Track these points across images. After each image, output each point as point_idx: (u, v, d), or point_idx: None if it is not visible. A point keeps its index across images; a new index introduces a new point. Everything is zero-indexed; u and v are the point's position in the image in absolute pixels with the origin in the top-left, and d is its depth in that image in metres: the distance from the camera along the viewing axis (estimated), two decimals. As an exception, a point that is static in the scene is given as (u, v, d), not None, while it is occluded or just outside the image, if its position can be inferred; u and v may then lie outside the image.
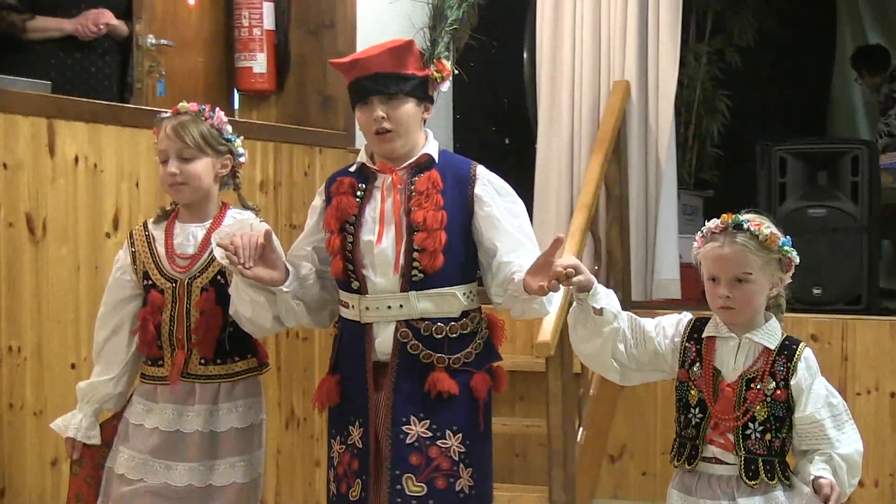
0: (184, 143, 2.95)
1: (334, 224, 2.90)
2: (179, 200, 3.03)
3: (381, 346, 2.88)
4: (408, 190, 2.87)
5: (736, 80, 6.94)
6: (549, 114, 5.50)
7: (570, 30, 5.45)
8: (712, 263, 2.70)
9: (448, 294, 2.86)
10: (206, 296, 2.96)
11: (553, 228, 5.41)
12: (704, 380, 2.71)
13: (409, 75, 2.86)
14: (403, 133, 2.86)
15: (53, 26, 4.14)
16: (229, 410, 3.00)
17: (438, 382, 2.84)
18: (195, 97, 4.62)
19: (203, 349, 2.97)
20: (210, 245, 2.94)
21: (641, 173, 5.36)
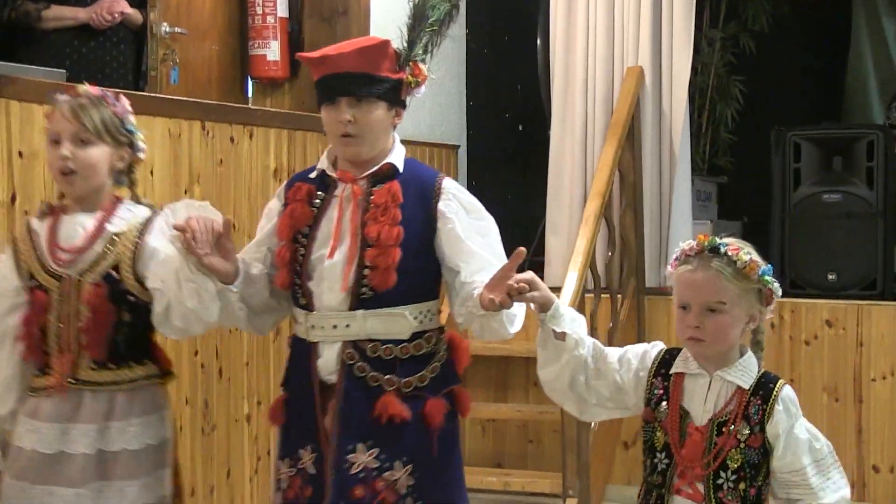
0: (81, 125, 2.68)
1: (287, 233, 2.73)
2: (69, 193, 2.75)
3: (326, 367, 2.69)
4: (366, 202, 2.69)
5: (750, 65, 6.92)
6: (562, 100, 5.50)
7: (583, 16, 5.44)
8: (683, 289, 2.43)
9: (397, 314, 2.66)
10: (96, 291, 2.67)
11: (567, 215, 5.42)
12: (670, 422, 2.44)
13: (381, 77, 2.68)
14: (370, 139, 2.69)
15: (68, 15, 4.16)
16: (121, 430, 2.69)
17: (390, 406, 2.64)
18: (209, 84, 4.66)
19: (93, 351, 2.68)
20: (100, 237, 2.70)
21: (655, 159, 5.36)
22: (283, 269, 2.71)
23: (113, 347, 2.70)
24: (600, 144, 5.25)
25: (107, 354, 2.69)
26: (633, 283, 5.22)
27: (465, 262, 2.67)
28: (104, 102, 2.73)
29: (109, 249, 2.70)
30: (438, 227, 2.69)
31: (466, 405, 2.79)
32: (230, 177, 4.19)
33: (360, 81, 2.66)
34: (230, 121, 4.23)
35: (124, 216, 2.75)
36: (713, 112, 6.86)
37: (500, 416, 5.15)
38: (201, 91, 4.55)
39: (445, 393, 2.73)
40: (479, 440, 5.36)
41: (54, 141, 2.69)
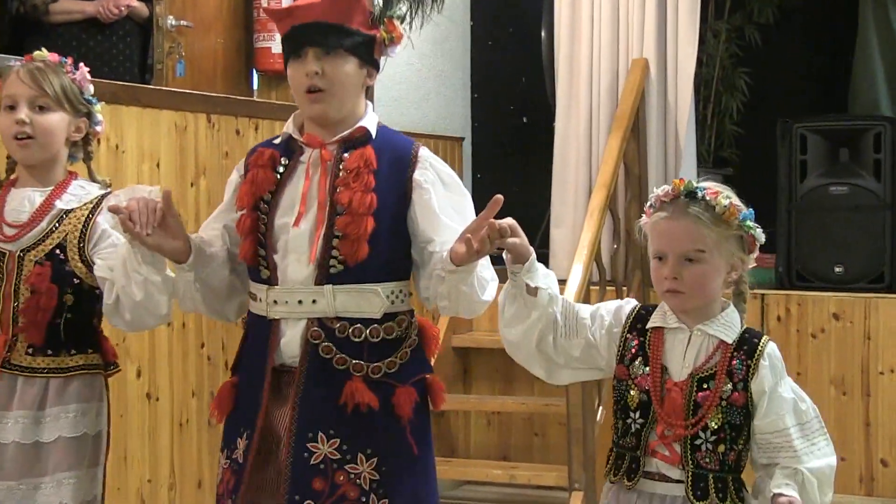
0: (40, 89, 2.54)
1: (247, 201, 2.46)
2: (23, 160, 2.59)
3: (288, 348, 2.43)
4: (336, 167, 2.45)
5: (756, 57, 6.90)
6: (567, 92, 5.49)
7: (588, 8, 5.43)
8: (658, 238, 2.25)
9: (369, 291, 2.42)
10: (39, 270, 2.51)
11: (571, 207, 5.41)
12: (652, 378, 2.25)
13: (353, 30, 2.44)
14: (339, 94, 2.44)
15: (76, 8, 4.16)
16: (57, 416, 2.52)
17: (357, 393, 2.40)
18: (214, 77, 4.65)
19: (31, 334, 2.51)
20: (48, 213, 2.54)
21: (661, 152, 5.35)
22: (246, 239, 2.46)
23: (53, 332, 2.53)
24: (605, 136, 5.25)
25: (45, 339, 2.52)
26: (639, 275, 5.21)
27: (438, 235, 2.43)
28: (63, 69, 2.61)
29: (56, 227, 2.54)
30: (413, 199, 2.46)
31: (439, 395, 2.54)
32: (236, 169, 4.18)
33: (329, 31, 2.43)
34: (236, 113, 4.23)
35: (76, 193, 2.59)
36: (718, 104, 6.85)
37: (505, 408, 5.15)
38: (207, 84, 4.55)
39: (416, 381, 2.49)
40: (485, 433, 5.36)
41: (9, 106, 2.55)
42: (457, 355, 5.32)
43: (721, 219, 2.23)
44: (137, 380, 3.74)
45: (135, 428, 3.75)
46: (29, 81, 2.54)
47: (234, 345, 4.13)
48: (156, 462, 3.86)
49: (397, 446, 2.44)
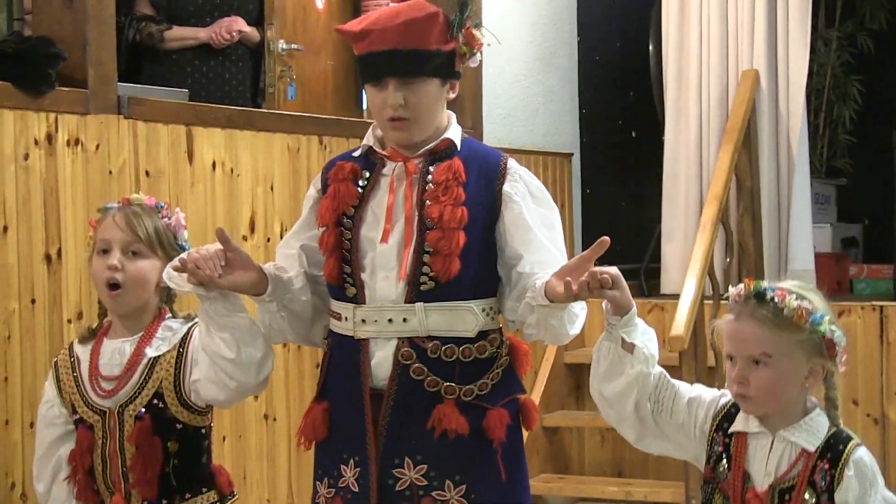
0: (135, 234, 2.49)
1: (330, 217, 2.38)
2: (114, 310, 2.54)
3: (378, 369, 2.35)
4: (423, 180, 2.36)
5: (868, 64, 6.77)
6: (676, 106, 5.44)
7: (696, 20, 5.38)
8: (728, 340, 2.18)
9: (464, 309, 2.34)
10: (139, 425, 2.46)
11: (682, 221, 5.36)
12: (733, 485, 2.16)
13: (432, 52, 2.34)
14: (423, 121, 2.37)
15: (189, 35, 4.25)
16: None
17: (445, 419, 2.31)
18: (325, 99, 4.72)
19: (143, 490, 2.47)
20: (140, 362, 2.49)
21: (773, 163, 5.27)
22: (330, 256, 2.37)
23: (164, 482, 2.48)
24: (716, 149, 5.19)
25: (158, 491, 2.48)
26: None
27: (527, 252, 2.34)
28: (159, 214, 2.56)
29: (150, 376, 2.49)
30: (502, 211, 2.37)
31: (533, 416, 2.44)
32: (347, 190, 4.23)
33: (408, 59, 2.32)
34: (347, 135, 4.28)
35: (164, 336, 2.53)
36: (830, 113, 6.73)
37: (618, 425, 5.10)
38: (317, 106, 4.62)
39: (508, 402, 2.40)
40: (599, 449, 5.32)
41: (103, 250, 2.51)
42: (569, 371, 5.30)
43: (789, 322, 2.12)
44: (255, 401, 3.79)
45: (253, 449, 3.81)
46: (123, 226, 2.50)
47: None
48: (274, 483, 3.91)
49: (487, 472, 2.35)
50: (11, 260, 3.09)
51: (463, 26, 2.39)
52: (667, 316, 4.95)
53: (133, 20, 4.22)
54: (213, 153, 3.68)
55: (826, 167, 6.73)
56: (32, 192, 3.14)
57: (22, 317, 3.10)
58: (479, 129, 4.99)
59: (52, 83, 3.15)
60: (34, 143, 3.14)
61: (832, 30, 6.68)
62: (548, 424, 5.19)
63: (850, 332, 4.81)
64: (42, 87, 3.13)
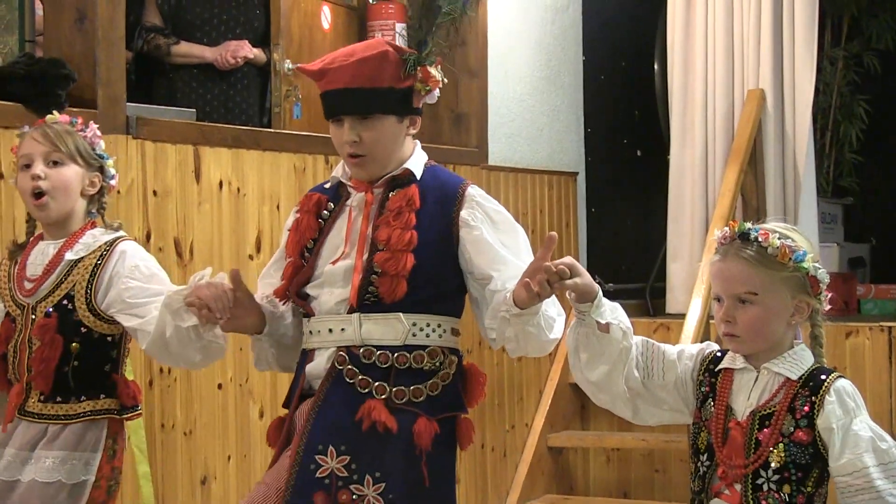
0: (53, 145, 2.63)
1: (293, 248, 2.51)
2: (41, 217, 2.68)
3: (313, 371, 2.44)
4: (380, 208, 2.46)
5: (875, 84, 6.78)
6: (681, 125, 5.45)
7: (701, 40, 5.40)
8: (714, 280, 2.23)
9: (392, 318, 2.41)
10: (44, 321, 2.58)
11: (688, 241, 5.36)
12: (715, 419, 2.20)
13: (384, 89, 2.43)
14: (380, 156, 2.46)
15: (196, 53, 4.28)
16: (39, 459, 2.56)
17: (374, 412, 2.36)
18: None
19: (39, 382, 2.58)
20: (59, 264, 2.62)
21: (779, 183, 5.28)
22: (284, 280, 2.50)
23: (61, 380, 2.58)
24: (721, 168, 5.20)
25: (53, 387, 2.58)
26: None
27: (497, 271, 2.41)
28: (74, 128, 2.70)
29: (65, 278, 2.62)
30: (462, 236, 2.44)
31: (467, 436, 2.48)
32: (353, 209, 4.24)
33: (361, 96, 2.42)
34: (353, 154, 4.29)
35: (86, 242, 2.65)
36: (837, 132, 6.74)
37: (624, 445, 5.11)
38: (323, 125, 4.59)
39: (443, 418, 2.43)
40: (604, 469, 5.32)
41: (25, 165, 2.64)
42: (574, 391, 5.29)
43: (773, 260, 2.18)
44: (260, 420, 3.80)
45: (259, 469, 3.81)
46: (41, 139, 2.63)
47: None
48: (279, 499, 3.91)
49: (409, 475, 2.37)
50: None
51: (418, 65, 2.47)
52: (672, 336, 4.95)
53: (142, 30, 4.25)
54: (220, 173, 3.69)
55: (833, 186, 6.73)
56: (41, 211, 3.15)
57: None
58: (485, 149, 5.00)
59: (61, 104, 3.16)
60: (43, 163, 3.15)
61: (838, 49, 6.70)
62: (553, 445, 5.19)
63: (858, 352, 4.81)
64: (52, 109, 3.14)
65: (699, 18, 5.40)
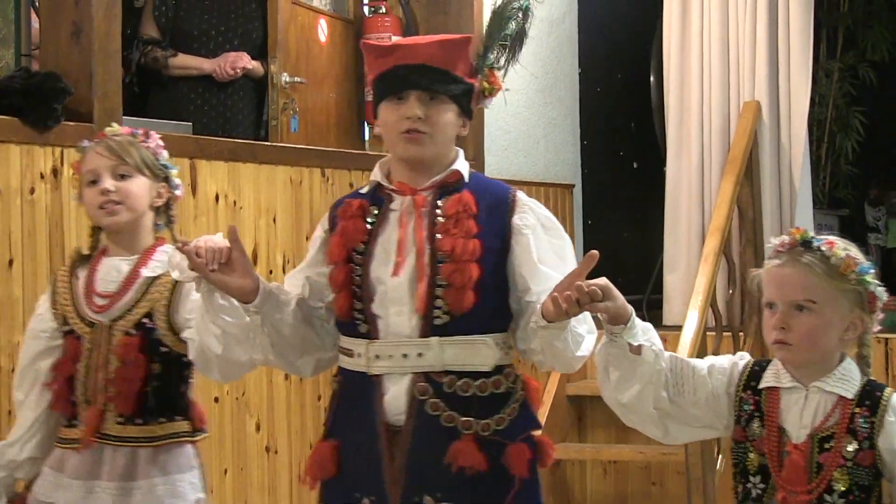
0: (120, 159, 2.58)
1: (339, 254, 2.35)
2: (111, 226, 2.60)
3: (393, 405, 2.30)
4: (432, 213, 2.34)
5: (870, 95, 6.80)
6: (677, 137, 5.46)
7: (697, 52, 5.41)
8: (769, 285, 2.16)
9: (479, 343, 2.31)
10: (127, 341, 2.52)
11: (685, 252, 5.37)
12: (768, 441, 2.14)
13: (457, 77, 2.36)
14: (439, 140, 2.35)
15: (193, 65, 4.28)
16: (150, 489, 2.51)
17: (461, 456, 2.26)
18: (327, 131, 4.74)
19: (121, 404, 2.51)
20: (136, 281, 2.55)
21: (775, 194, 5.29)
22: (340, 292, 2.34)
23: (142, 401, 2.52)
24: (717, 180, 5.21)
25: (134, 409, 2.51)
26: (756, 321, 5.13)
27: (535, 283, 2.32)
28: (136, 139, 2.65)
29: (143, 296, 2.55)
30: (512, 244, 2.34)
31: (548, 454, 2.39)
32: (350, 222, 4.24)
33: (435, 76, 2.33)
34: (349, 167, 4.30)
35: (161, 259, 2.57)
36: (832, 144, 6.76)
37: (621, 457, 5.10)
38: (320, 138, 4.64)
39: (525, 438, 2.35)
40: (601, 482, 5.31)
41: (92, 181, 2.58)
42: (571, 403, 5.29)
43: (836, 271, 2.12)
44: (257, 433, 3.79)
45: (255, 482, 3.80)
46: (107, 154, 2.58)
47: None
48: (276, 514, 3.90)
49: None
50: (17, 293, 3.09)
51: (485, 66, 2.44)
52: (668, 348, 4.93)
53: (139, 43, 4.25)
54: (216, 186, 3.69)
55: (828, 198, 6.75)
56: (38, 225, 3.15)
57: (26, 350, 3.11)
58: (481, 161, 5.00)
59: (58, 118, 3.17)
60: (40, 177, 3.16)
61: (834, 61, 6.72)
62: (550, 456, 5.18)
63: (853, 363, 4.80)
64: (48, 122, 3.15)
65: (695, 30, 5.42)
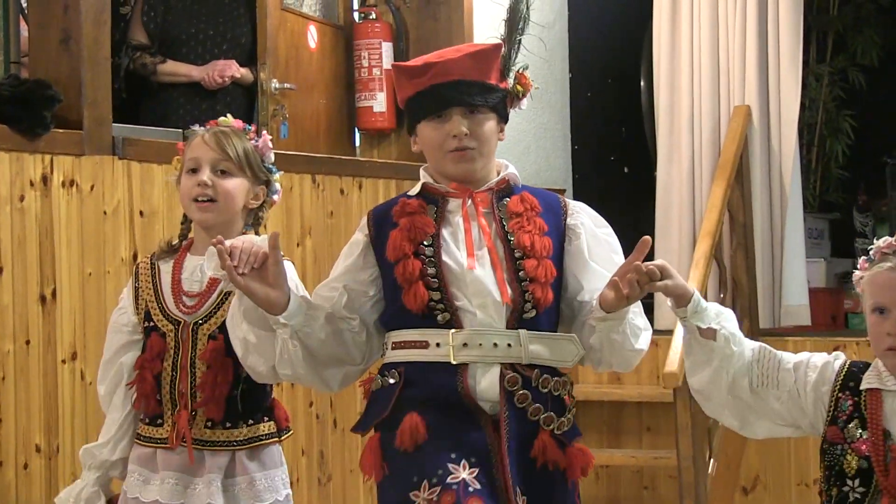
0: (224, 153, 2.52)
1: (407, 247, 2.32)
2: (202, 221, 2.55)
3: (486, 392, 2.28)
4: (497, 212, 2.37)
5: (860, 99, 6.81)
6: (668, 141, 5.46)
7: (687, 56, 5.42)
8: (880, 290, 2.10)
9: (563, 339, 2.33)
10: (213, 345, 2.48)
11: (676, 257, 5.36)
12: (873, 445, 2.08)
13: (493, 86, 2.39)
14: (486, 153, 2.38)
15: (182, 72, 4.28)
16: (249, 485, 2.51)
17: (548, 450, 2.27)
18: (317, 138, 4.74)
19: (210, 409, 2.49)
20: (219, 283, 2.44)
21: (766, 198, 5.29)
22: (414, 285, 2.30)
23: (230, 405, 2.50)
24: (708, 184, 5.21)
25: (224, 413, 2.49)
26: (747, 324, 5.14)
27: (587, 282, 2.34)
28: (247, 135, 2.59)
29: (227, 298, 2.48)
30: (565, 246, 2.37)
31: (591, 462, 2.38)
32: (341, 228, 4.25)
33: (473, 89, 2.35)
34: (340, 173, 4.30)
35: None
36: (823, 148, 6.77)
37: (613, 462, 5.10)
38: (310, 144, 4.64)
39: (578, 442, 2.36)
40: (593, 486, 5.31)
41: (192, 169, 2.53)
42: (563, 408, 5.29)
43: None
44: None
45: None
46: (213, 145, 2.53)
47: (343, 403, 4.19)
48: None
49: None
50: (6, 301, 3.09)
51: (512, 68, 2.45)
52: (661, 352, 4.95)
53: (128, 48, 4.24)
54: (207, 193, 3.68)
55: (819, 202, 6.75)
56: (28, 232, 3.15)
57: (16, 358, 3.10)
58: (473, 167, 5.00)
59: (47, 125, 3.17)
60: (30, 184, 3.16)
61: (824, 65, 6.73)
62: (543, 461, 5.18)
63: (845, 366, 4.81)
64: (38, 130, 3.16)
65: (685, 35, 5.42)
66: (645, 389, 5.09)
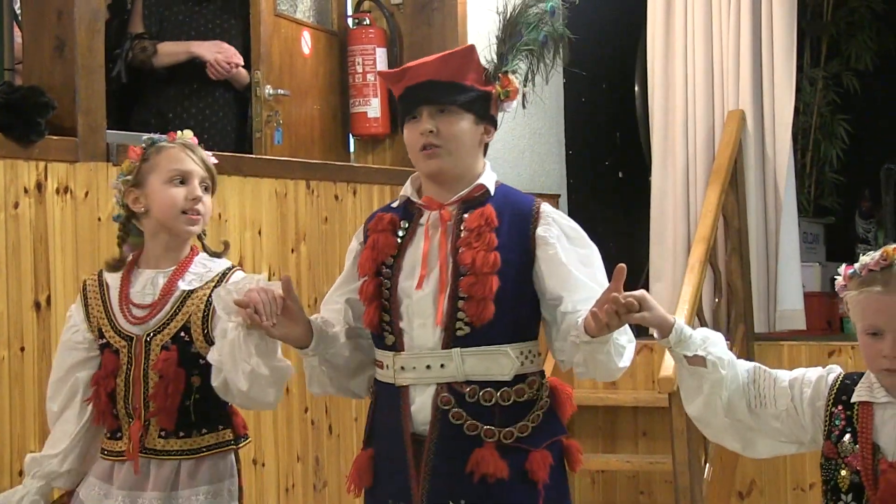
0: (209, 173, 2.62)
1: (369, 267, 2.44)
2: (188, 234, 2.61)
3: (418, 415, 2.39)
4: (457, 227, 2.42)
5: (855, 103, 6.82)
6: (662, 146, 5.47)
7: (681, 61, 5.42)
8: (873, 313, 2.08)
9: (499, 353, 2.37)
10: (165, 356, 2.51)
11: (671, 261, 5.37)
12: (862, 459, 2.08)
13: (466, 86, 2.44)
14: (454, 151, 2.42)
15: (182, 49, 4.26)
16: (188, 499, 2.52)
17: (483, 463, 2.33)
18: (312, 144, 4.74)
19: (162, 419, 2.51)
20: (172, 294, 2.54)
21: (760, 203, 5.30)
22: (369, 305, 2.42)
23: (183, 415, 2.53)
24: (703, 189, 5.22)
25: (176, 422, 2.53)
26: (742, 329, 5.15)
27: (568, 292, 2.37)
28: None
29: (180, 309, 2.54)
30: (537, 255, 2.40)
31: (576, 458, 2.47)
32: (335, 234, 4.25)
33: (441, 89, 2.42)
34: (334, 179, 4.30)
35: (197, 272, 2.60)
36: (817, 152, 6.77)
37: (609, 466, 5.10)
38: (304, 150, 4.64)
39: (550, 444, 2.42)
40: (589, 491, 5.31)
41: (180, 181, 2.58)
42: (559, 413, 5.29)
43: None
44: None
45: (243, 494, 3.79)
46: (200, 162, 2.60)
47: (338, 409, 4.19)
48: (263, 526, 3.89)
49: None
50: (0, 307, 3.09)
51: (499, 72, 2.51)
52: (656, 357, 4.96)
53: (129, 39, 4.24)
54: (201, 199, 3.68)
55: (814, 206, 6.76)
56: (22, 239, 3.14)
57: (11, 364, 3.10)
58: (467, 172, 5.00)
59: (41, 132, 3.17)
60: (24, 191, 3.15)
61: (818, 69, 6.74)
62: (539, 466, 5.17)
63: (839, 370, 4.81)
64: (32, 137, 3.15)
65: (679, 40, 5.43)
66: (640, 394, 5.10)
